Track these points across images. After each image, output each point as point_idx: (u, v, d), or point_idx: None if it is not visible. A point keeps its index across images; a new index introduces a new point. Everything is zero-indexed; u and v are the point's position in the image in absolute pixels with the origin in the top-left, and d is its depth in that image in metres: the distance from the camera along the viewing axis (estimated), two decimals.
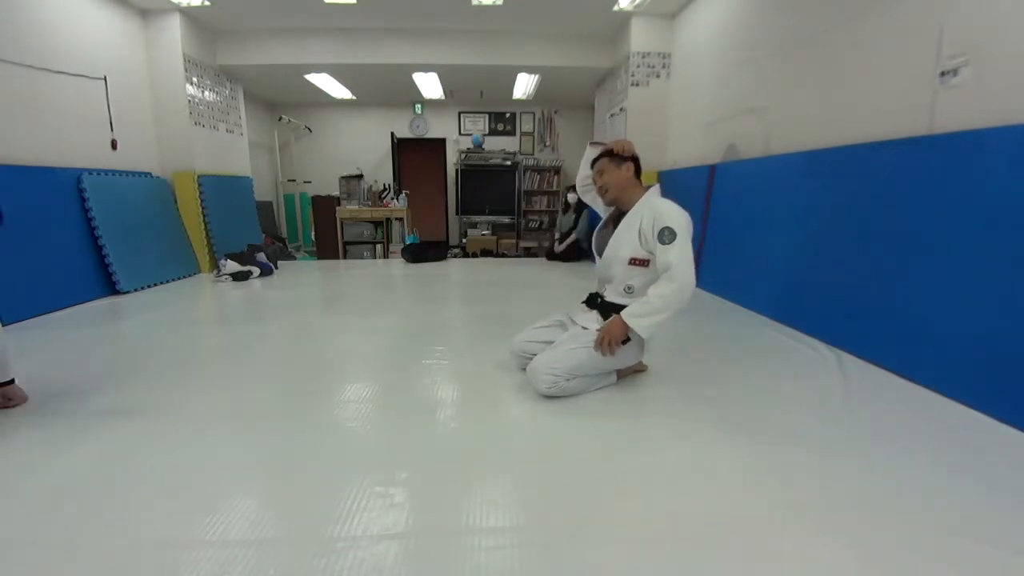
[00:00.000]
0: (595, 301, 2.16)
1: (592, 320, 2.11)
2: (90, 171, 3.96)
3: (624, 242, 2.02)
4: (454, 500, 1.35)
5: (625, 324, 1.91)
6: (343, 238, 6.42)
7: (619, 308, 1.98)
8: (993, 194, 1.90)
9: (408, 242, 6.22)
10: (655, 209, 1.96)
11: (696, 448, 1.62)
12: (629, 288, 2.04)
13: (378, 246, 6.51)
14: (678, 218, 1.91)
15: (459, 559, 1.13)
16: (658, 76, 5.08)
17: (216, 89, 5.41)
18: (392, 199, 6.60)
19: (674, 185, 4.81)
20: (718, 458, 1.55)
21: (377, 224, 6.49)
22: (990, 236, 1.90)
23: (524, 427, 1.82)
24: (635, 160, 2.08)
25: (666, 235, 1.89)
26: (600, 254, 2.15)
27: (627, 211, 2.05)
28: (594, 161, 2.12)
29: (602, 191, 2.10)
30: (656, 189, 2.05)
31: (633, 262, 2.01)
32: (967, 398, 1.88)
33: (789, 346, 2.60)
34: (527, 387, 2.08)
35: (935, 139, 2.17)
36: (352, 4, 4.67)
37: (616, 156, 2.06)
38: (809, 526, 1.24)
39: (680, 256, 1.87)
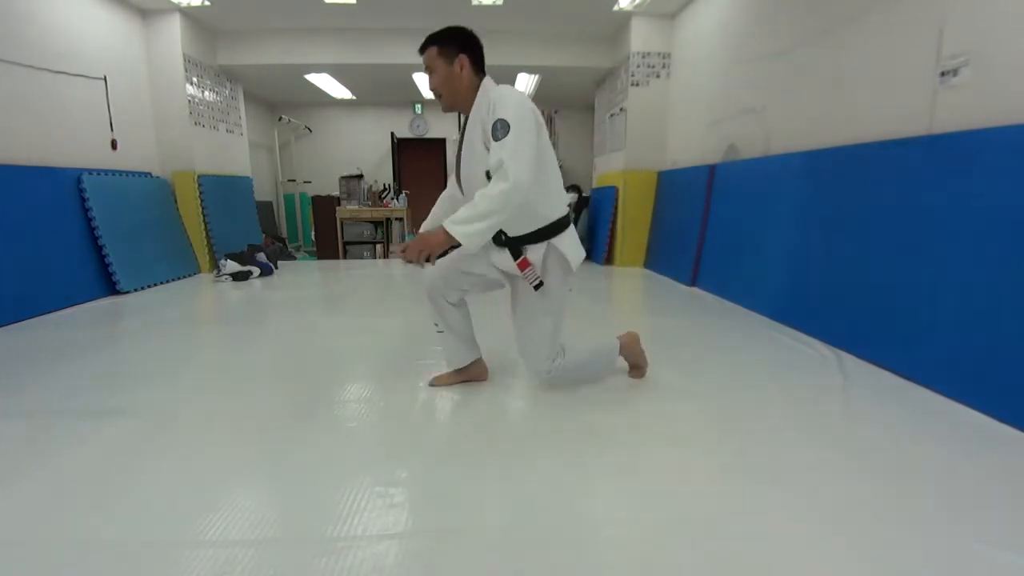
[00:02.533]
0: (499, 238, 1.78)
1: (507, 260, 1.80)
2: (90, 171, 3.96)
3: (475, 155, 1.71)
4: (454, 500, 1.35)
5: (447, 233, 1.61)
6: (343, 238, 6.43)
7: (523, 239, 1.76)
8: (993, 194, 1.90)
9: (408, 242, 6.20)
10: (491, 102, 1.65)
11: (695, 448, 1.62)
12: None
13: (378, 246, 6.51)
14: (512, 105, 1.60)
15: (459, 559, 1.13)
16: (658, 76, 5.08)
17: (216, 89, 5.41)
18: (392, 199, 6.60)
19: (674, 185, 4.82)
20: (718, 458, 1.55)
21: (377, 224, 6.49)
22: (990, 236, 1.90)
23: (524, 426, 1.82)
24: (471, 47, 1.73)
25: (498, 129, 1.58)
26: (459, 184, 1.86)
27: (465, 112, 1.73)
28: (421, 50, 1.77)
29: (436, 94, 1.77)
30: (489, 80, 1.73)
31: (491, 176, 1.65)
32: (967, 398, 1.88)
33: (789, 346, 2.60)
34: (527, 386, 2.08)
35: (935, 139, 2.17)
36: (352, 4, 4.67)
37: (445, 45, 1.72)
38: (809, 526, 1.24)
39: (512, 150, 1.56)
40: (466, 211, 1.61)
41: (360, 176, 6.92)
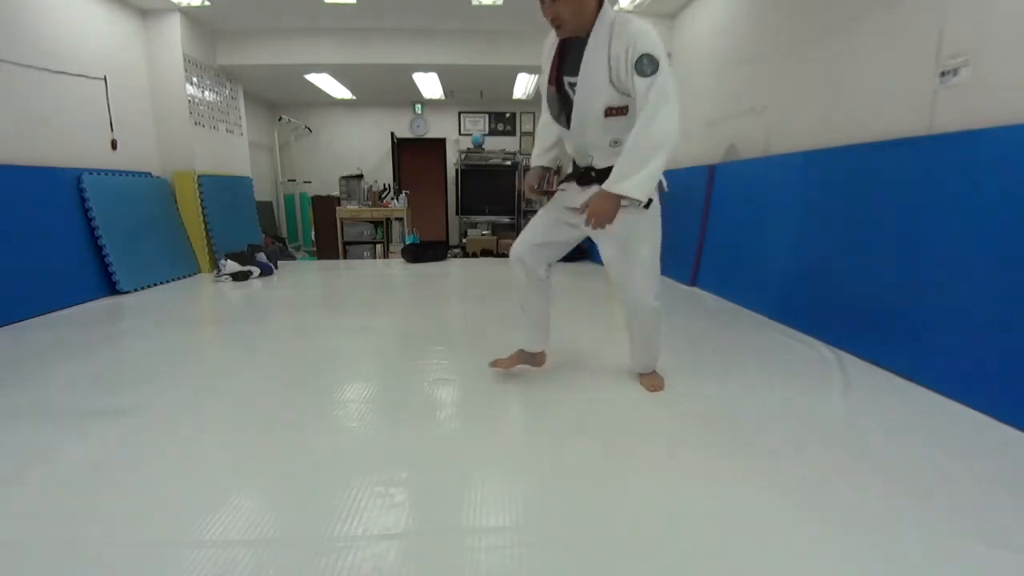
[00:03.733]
0: (588, 175, 1.71)
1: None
2: (90, 171, 3.96)
3: (594, 85, 1.57)
4: (454, 500, 1.35)
5: (614, 195, 1.55)
6: (343, 238, 6.42)
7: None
8: (993, 194, 1.89)
9: (408, 242, 6.22)
10: (626, 29, 1.52)
11: (694, 448, 1.62)
12: (616, 143, 1.61)
13: (378, 246, 6.51)
14: (656, 41, 1.50)
15: (459, 559, 1.13)
16: None
17: (216, 89, 5.40)
18: (392, 199, 6.60)
19: (674, 185, 4.81)
20: (717, 459, 1.55)
21: (377, 224, 6.49)
22: (990, 236, 1.90)
23: (524, 426, 1.82)
24: None
25: (646, 64, 1.47)
26: (557, 117, 1.73)
27: (581, 37, 1.59)
28: None
29: (556, 23, 1.62)
30: (608, 5, 1.59)
31: (611, 113, 1.56)
32: (967, 398, 1.88)
33: (789, 346, 2.60)
34: (527, 387, 2.08)
35: (935, 139, 2.17)
36: (352, 4, 4.67)
37: None
38: (808, 526, 1.24)
39: (666, 86, 1.48)
40: (623, 166, 1.52)
41: (360, 176, 6.92)
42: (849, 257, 2.57)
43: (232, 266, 4.68)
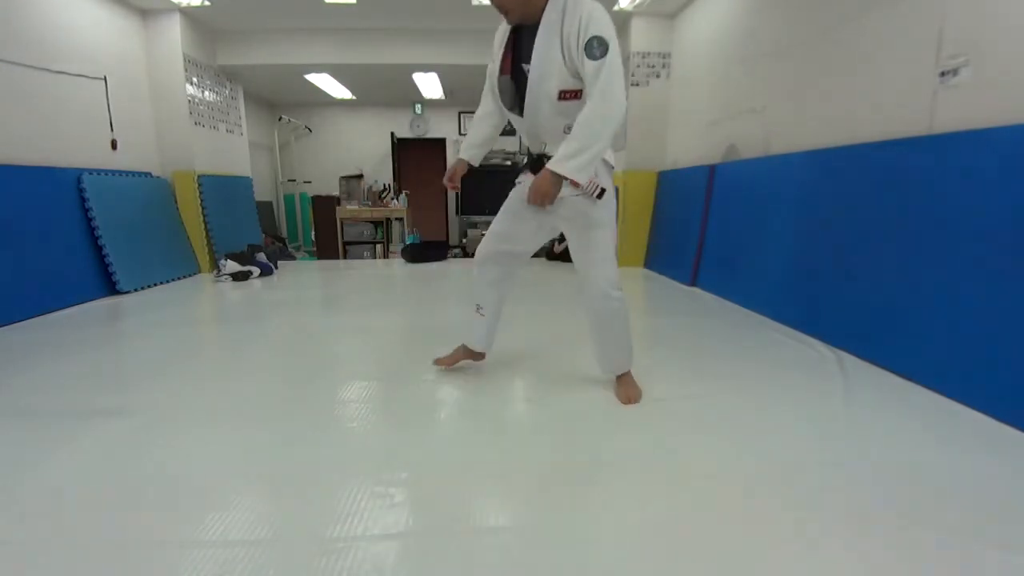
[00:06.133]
0: (541, 162, 1.69)
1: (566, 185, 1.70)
2: (90, 171, 3.96)
3: (547, 68, 1.57)
4: (454, 500, 1.35)
5: (554, 174, 1.57)
6: (343, 238, 6.42)
7: None
8: (993, 194, 1.90)
9: (408, 242, 6.22)
10: (577, 10, 1.53)
11: (695, 450, 1.62)
12: (570, 128, 1.59)
13: (378, 246, 6.51)
14: (606, 23, 1.52)
15: (459, 559, 1.13)
16: (658, 76, 5.08)
17: (216, 89, 5.41)
18: (392, 199, 6.60)
19: (674, 185, 4.81)
20: (717, 459, 1.55)
21: (377, 224, 6.49)
22: (990, 236, 1.90)
23: (524, 426, 1.82)
24: None
25: (595, 47, 1.49)
26: (510, 105, 1.72)
27: (531, 23, 1.59)
28: None
29: (502, 9, 1.63)
30: None
31: (564, 96, 1.57)
32: (967, 398, 1.88)
33: (789, 346, 2.60)
34: (527, 388, 2.08)
35: (935, 139, 2.17)
36: (352, 4, 4.67)
37: None
38: (809, 527, 1.24)
39: (611, 71, 1.50)
40: (570, 146, 1.55)
41: (360, 176, 6.92)
42: (849, 257, 2.57)
43: (232, 266, 4.68)
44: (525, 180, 1.83)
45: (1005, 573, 1.09)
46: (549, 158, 1.67)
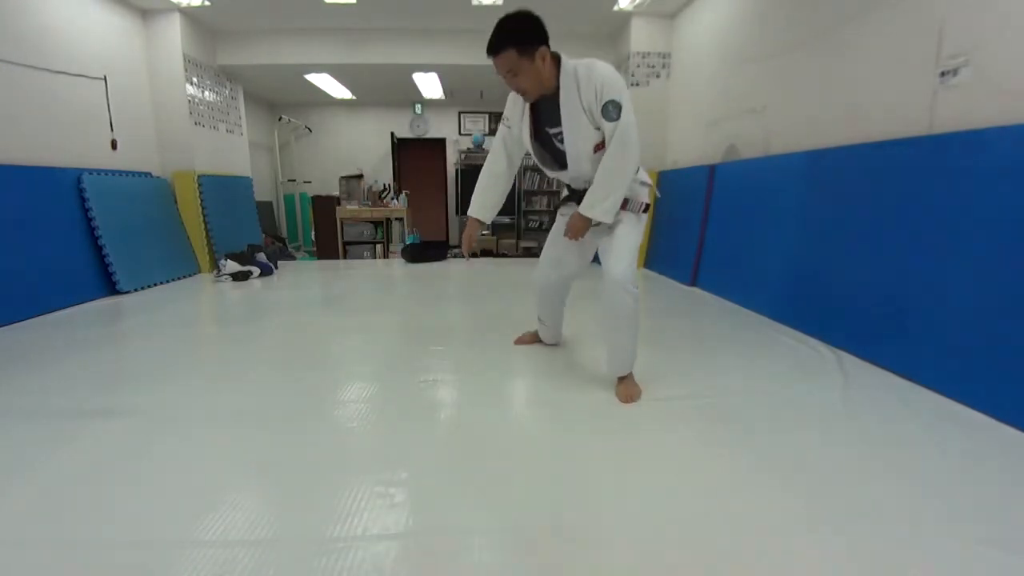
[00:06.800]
0: (583, 195, 1.92)
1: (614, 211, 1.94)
2: (90, 171, 3.95)
3: (580, 133, 1.81)
4: (454, 500, 1.35)
5: (587, 217, 1.86)
6: (343, 238, 6.42)
7: None
8: (993, 194, 1.90)
9: (408, 242, 6.22)
10: (590, 77, 1.73)
11: (695, 450, 1.62)
12: None
13: (378, 246, 6.50)
14: (619, 85, 1.73)
15: (459, 559, 1.13)
16: (658, 76, 5.08)
17: (216, 89, 5.41)
18: (392, 199, 6.60)
19: (674, 185, 4.81)
20: (718, 460, 1.55)
21: (377, 224, 6.48)
22: (990, 236, 1.90)
23: (524, 427, 1.82)
24: (543, 33, 1.73)
25: (611, 110, 1.71)
26: (549, 164, 1.96)
27: (549, 94, 1.81)
28: (492, 56, 1.75)
29: (521, 92, 1.83)
30: (565, 58, 1.79)
31: (598, 148, 1.82)
32: (967, 398, 1.88)
33: (789, 346, 2.60)
34: (528, 386, 2.08)
35: (935, 139, 2.17)
36: (352, 4, 4.67)
37: (524, 44, 1.70)
38: (808, 526, 1.24)
39: (628, 128, 1.74)
40: (596, 193, 1.83)
41: (360, 176, 6.92)
42: (849, 257, 2.57)
43: (232, 266, 4.67)
44: (567, 211, 2.07)
45: (1005, 573, 1.09)
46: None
